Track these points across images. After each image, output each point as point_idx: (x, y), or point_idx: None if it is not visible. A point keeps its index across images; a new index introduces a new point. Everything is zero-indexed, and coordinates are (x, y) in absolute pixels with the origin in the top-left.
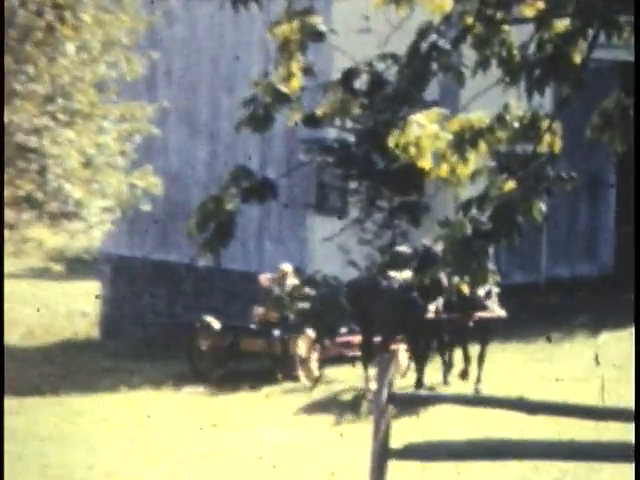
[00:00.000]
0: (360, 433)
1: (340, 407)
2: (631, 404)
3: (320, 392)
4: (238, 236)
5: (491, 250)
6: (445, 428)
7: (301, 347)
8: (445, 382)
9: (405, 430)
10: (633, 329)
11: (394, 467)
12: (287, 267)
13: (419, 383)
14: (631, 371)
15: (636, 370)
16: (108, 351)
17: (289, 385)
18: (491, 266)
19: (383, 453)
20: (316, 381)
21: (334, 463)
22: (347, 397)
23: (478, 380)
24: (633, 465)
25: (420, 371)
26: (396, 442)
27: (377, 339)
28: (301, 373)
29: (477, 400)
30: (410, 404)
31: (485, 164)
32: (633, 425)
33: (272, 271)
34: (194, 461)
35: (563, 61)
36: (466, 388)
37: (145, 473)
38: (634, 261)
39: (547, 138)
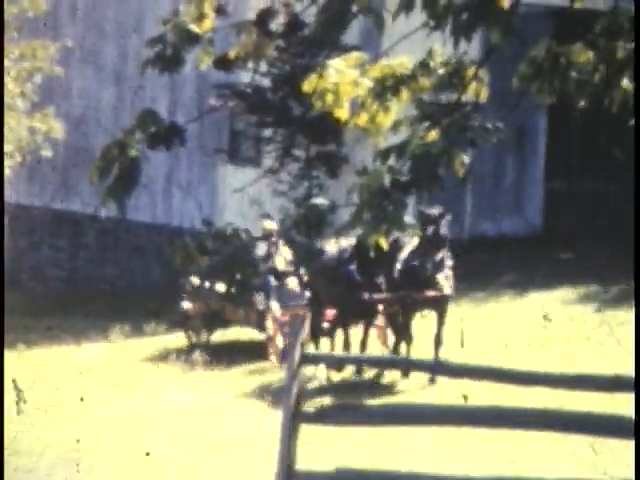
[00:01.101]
0: None
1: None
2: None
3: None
4: (144, 185)
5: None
6: None
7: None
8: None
9: None
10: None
11: None
12: (271, 224)
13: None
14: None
15: (636, 353)
16: (6, 305)
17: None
18: (410, 219)
19: (295, 416)
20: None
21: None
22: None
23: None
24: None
25: (396, 344)
26: None
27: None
28: (270, 350)
29: (389, 362)
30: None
31: (406, 112)
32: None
33: (179, 223)
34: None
35: (492, 5)
36: None
37: (44, 434)
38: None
39: (473, 86)
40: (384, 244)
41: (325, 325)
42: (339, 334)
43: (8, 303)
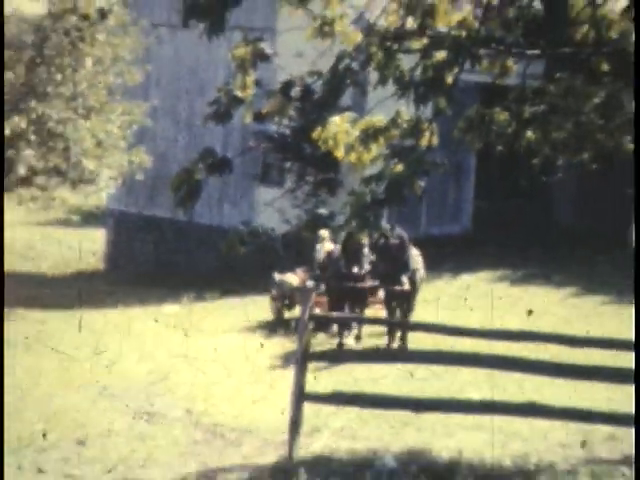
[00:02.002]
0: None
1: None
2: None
3: None
4: (205, 199)
5: (384, 213)
6: None
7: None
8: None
9: None
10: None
11: None
12: (325, 232)
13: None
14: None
15: (636, 350)
16: (109, 279)
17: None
18: (384, 224)
19: (304, 356)
20: None
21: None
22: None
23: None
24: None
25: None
26: None
27: None
28: None
29: (382, 321)
30: (325, 323)
31: (382, 152)
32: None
33: (228, 224)
34: (171, 359)
35: (439, 82)
36: None
37: (136, 367)
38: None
39: (427, 135)
40: (364, 240)
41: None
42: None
43: (113, 277)
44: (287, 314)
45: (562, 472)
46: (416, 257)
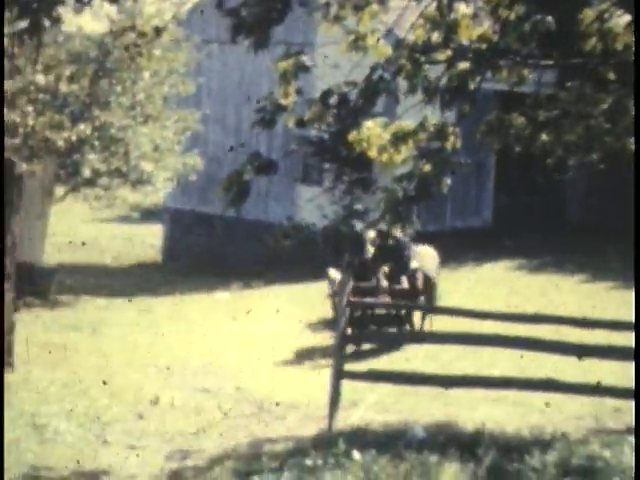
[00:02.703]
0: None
1: None
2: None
3: None
4: (252, 197)
5: (414, 208)
6: None
7: None
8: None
9: None
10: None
11: None
12: (371, 232)
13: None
14: (505, 287)
15: (636, 349)
16: (167, 270)
17: None
18: (414, 219)
19: (342, 338)
20: None
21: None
22: None
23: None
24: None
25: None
26: None
27: None
28: None
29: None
30: (364, 308)
31: (411, 153)
32: None
33: (273, 220)
34: (222, 341)
35: (463, 90)
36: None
37: (191, 348)
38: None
39: (451, 138)
40: (398, 233)
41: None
42: None
43: (170, 268)
44: None
45: (575, 441)
46: (424, 256)
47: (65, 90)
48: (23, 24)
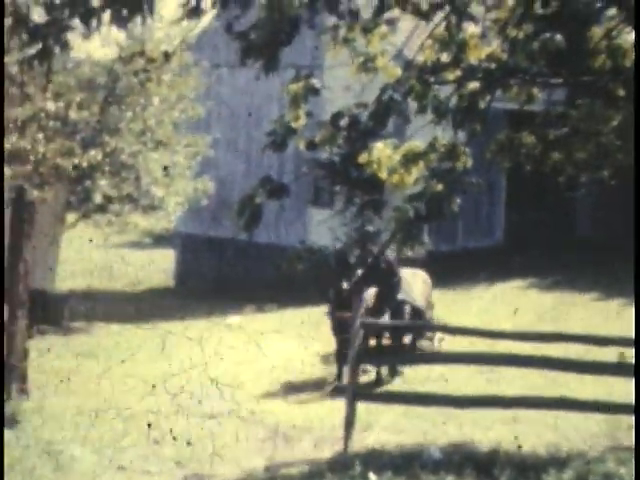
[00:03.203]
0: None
1: None
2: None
3: None
4: (263, 221)
5: (425, 228)
6: None
7: None
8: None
9: None
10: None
11: None
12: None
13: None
14: (517, 307)
15: (636, 349)
16: (179, 294)
17: None
18: (425, 239)
19: (356, 359)
20: None
21: None
22: None
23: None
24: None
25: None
26: None
27: None
28: None
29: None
30: (376, 331)
31: (422, 174)
32: None
33: (285, 242)
34: (237, 365)
35: (473, 109)
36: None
37: (205, 372)
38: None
39: (462, 158)
40: (409, 253)
41: None
42: None
43: (182, 293)
44: None
45: (592, 459)
46: (414, 284)
47: (75, 117)
48: (32, 50)
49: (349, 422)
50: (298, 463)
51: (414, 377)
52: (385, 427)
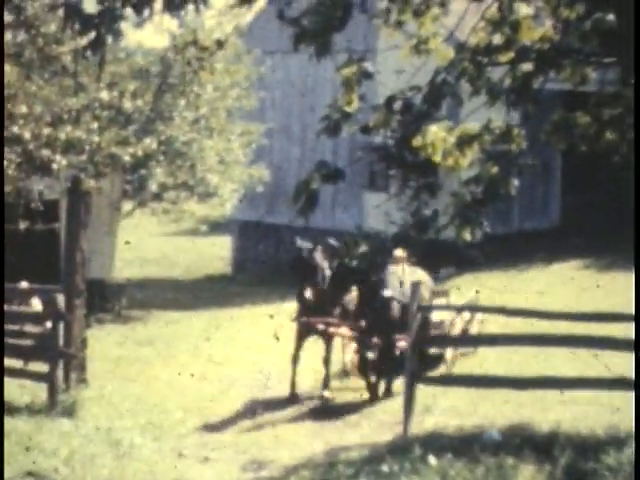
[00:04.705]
0: None
1: None
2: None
3: None
4: (319, 206)
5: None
6: None
7: None
8: None
9: None
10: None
11: None
12: (400, 252)
13: None
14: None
15: (636, 345)
16: (236, 282)
17: None
18: (483, 222)
19: (415, 343)
20: None
21: None
22: None
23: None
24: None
25: None
26: None
27: None
28: None
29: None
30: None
31: (476, 157)
32: None
33: (340, 227)
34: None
35: (527, 90)
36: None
37: (263, 358)
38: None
39: (517, 139)
40: (467, 237)
41: None
42: None
43: (239, 280)
44: None
45: None
46: (406, 281)
47: (129, 106)
48: (85, 40)
49: (408, 405)
50: (357, 447)
51: (472, 360)
52: (444, 410)
